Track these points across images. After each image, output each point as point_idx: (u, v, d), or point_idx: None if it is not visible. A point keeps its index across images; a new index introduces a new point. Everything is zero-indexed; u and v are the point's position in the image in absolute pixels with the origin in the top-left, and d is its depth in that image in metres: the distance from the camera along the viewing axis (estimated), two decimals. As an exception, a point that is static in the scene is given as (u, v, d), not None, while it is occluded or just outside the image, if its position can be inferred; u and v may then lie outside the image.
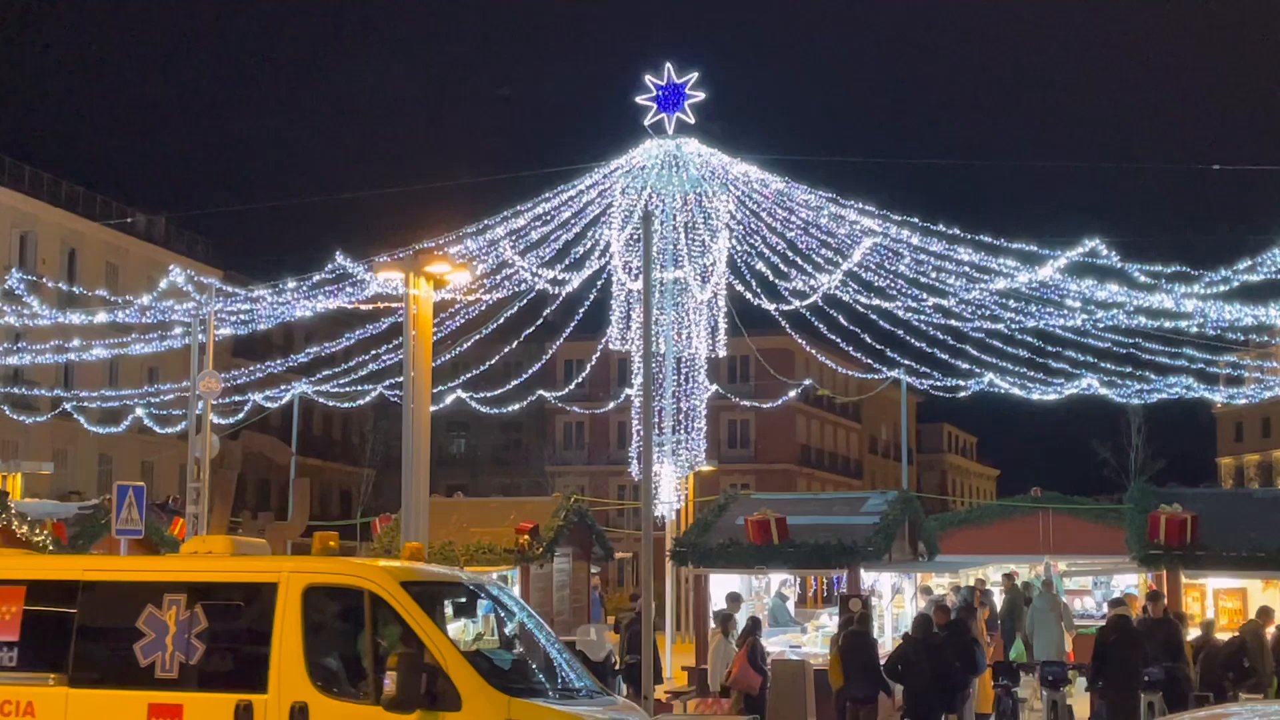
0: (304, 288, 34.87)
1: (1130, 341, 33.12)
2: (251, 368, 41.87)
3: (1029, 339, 34.25)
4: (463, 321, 36.93)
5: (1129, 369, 34.49)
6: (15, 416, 47.75)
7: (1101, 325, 32.60)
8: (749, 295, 35.98)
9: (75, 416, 47.20)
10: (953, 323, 34.49)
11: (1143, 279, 29.83)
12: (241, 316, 36.97)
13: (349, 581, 12.69)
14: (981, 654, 21.16)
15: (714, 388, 37.73)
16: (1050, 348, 34.31)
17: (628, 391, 37.31)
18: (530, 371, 41.37)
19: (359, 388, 41.23)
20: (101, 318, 38.09)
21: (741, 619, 23.15)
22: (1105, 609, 24.45)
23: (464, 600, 14.02)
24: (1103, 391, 35.39)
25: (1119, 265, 29.58)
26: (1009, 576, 30.08)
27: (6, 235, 57.19)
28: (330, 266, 33.30)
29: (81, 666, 12.97)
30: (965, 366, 35.64)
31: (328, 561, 13.49)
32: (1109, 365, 34.44)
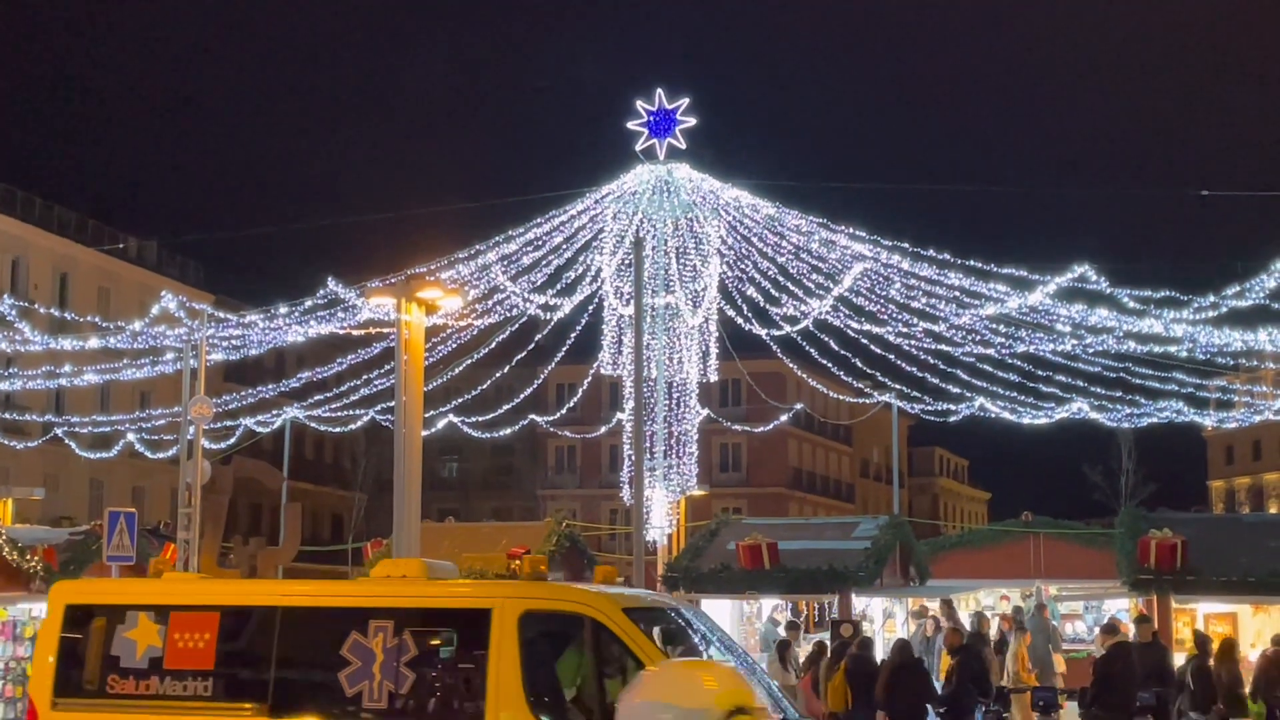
0: (296, 313, 34.89)
1: (1120, 366, 33.20)
2: (243, 392, 41.80)
3: (1019, 363, 34.34)
4: (455, 346, 36.96)
5: (1119, 393, 34.58)
6: (6, 441, 47.62)
7: (1092, 350, 32.68)
8: (740, 320, 36.05)
9: (66, 441, 47.07)
10: (944, 347, 34.57)
11: (1132, 304, 29.93)
12: (233, 342, 36.96)
13: (569, 608, 12.23)
14: (987, 681, 21.01)
15: (705, 412, 37.77)
16: (1041, 372, 34.39)
17: (619, 416, 37.34)
18: (522, 396, 41.37)
19: (351, 412, 41.20)
20: (93, 343, 38.06)
21: (742, 639, 23.09)
22: (1096, 634, 24.41)
23: (676, 625, 13.38)
24: (1093, 415, 35.44)
25: (1109, 290, 29.69)
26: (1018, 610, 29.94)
27: (-1, 260, 57.13)
28: (322, 292, 33.33)
29: (282, 696, 12.43)
30: (956, 390, 35.70)
31: (544, 587, 12.94)
32: (1099, 389, 34.51)
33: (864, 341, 35.41)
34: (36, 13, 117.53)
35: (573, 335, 37.52)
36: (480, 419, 42.05)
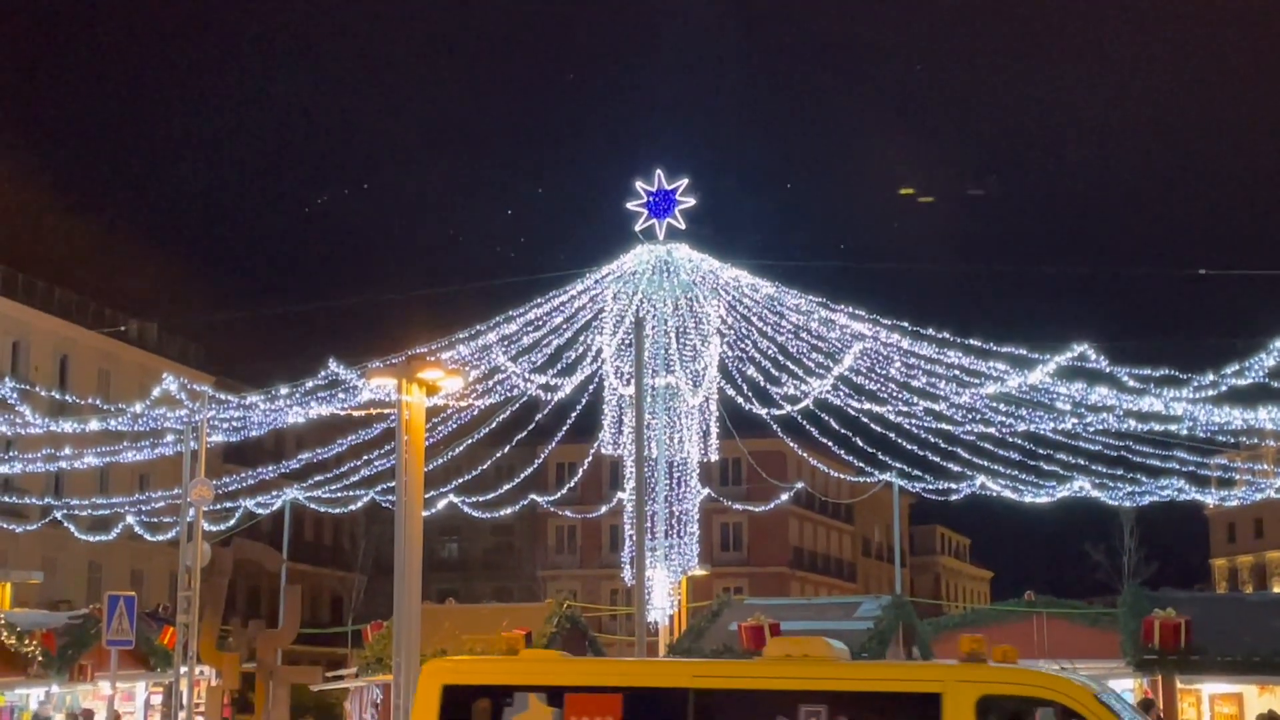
0: (296, 394, 34.91)
1: (1121, 444, 33.17)
2: (243, 474, 41.74)
3: (1020, 442, 34.32)
4: (455, 426, 36.95)
5: (1120, 471, 34.53)
6: (5, 525, 47.50)
7: (1092, 428, 32.67)
8: (741, 399, 36.08)
9: (65, 524, 46.94)
10: (944, 426, 34.55)
11: (1132, 382, 29.94)
12: (234, 423, 36.95)
13: (1036, 693, 11.54)
14: None
15: (706, 491, 37.72)
16: (1042, 450, 34.37)
17: (620, 495, 37.30)
18: (522, 476, 41.32)
19: (351, 493, 41.12)
20: (93, 425, 38.04)
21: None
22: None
23: (1127, 709, 12.61)
24: (1094, 494, 35.39)
25: (1109, 369, 29.69)
26: None
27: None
28: (323, 372, 33.36)
29: None
30: (957, 469, 35.66)
31: (1002, 671, 12.14)
32: (1100, 468, 34.47)
33: (864, 420, 35.41)
34: (37, 98, 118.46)
35: (573, 415, 37.54)
36: (480, 499, 41.98)
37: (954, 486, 36.77)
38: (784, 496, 50.43)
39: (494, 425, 37.80)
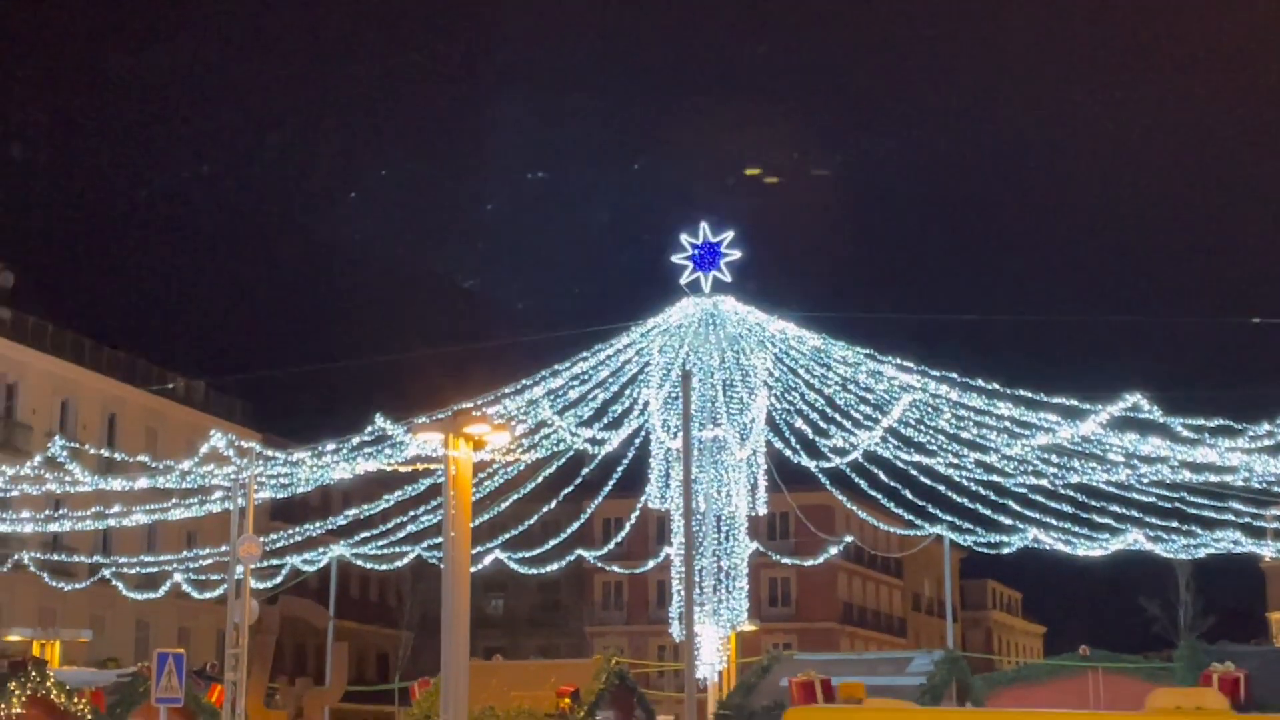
0: (343, 450, 34.98)
1: (1175, 496, 32.83)
2: (290, 531, 41.85)
3: (1072, 494, 34.01)
4: (501, 481, 36.95)
5: (1175, 524, 34.15)
6: (53, 583, 47.75)
7: (1146, 480, 32.35)
8: (788, 452, 35.94)
9: (113, 583, 47.13)
10: (994, 478, 34.29)
11: (1186, 433, 29.65)
12: (281, 480, 37.05)
13: None
14: None
15: (754, 545, 37.52)
16: (1094, 502, 34.05)
17: (667, 550, 37.17)
18: (569, 531, 41.23)
19: (397, 549, 41.13)
20: (141, 483, 38.23)
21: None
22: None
23: None
24: (1149, 547, 35.02)
25: (1162, 420, 29.42)
26: None
27: (49, 402, 57.71)
28: (369, 428, 33.40)
29: None
30: (1008, 522, 35.37)
31: None
32: (1154, 520, 34.11)
33: (913, 473, 35.20)
34: (87, 157, 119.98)
35: (619, 469, 37.46)
36: (527, 555, 41.90)
37: (1005, 540, 36.46)
38: (833, 551, 50.10)
39: (540, 480, 37.78)
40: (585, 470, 38.13)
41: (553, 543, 41.30)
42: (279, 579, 42.51)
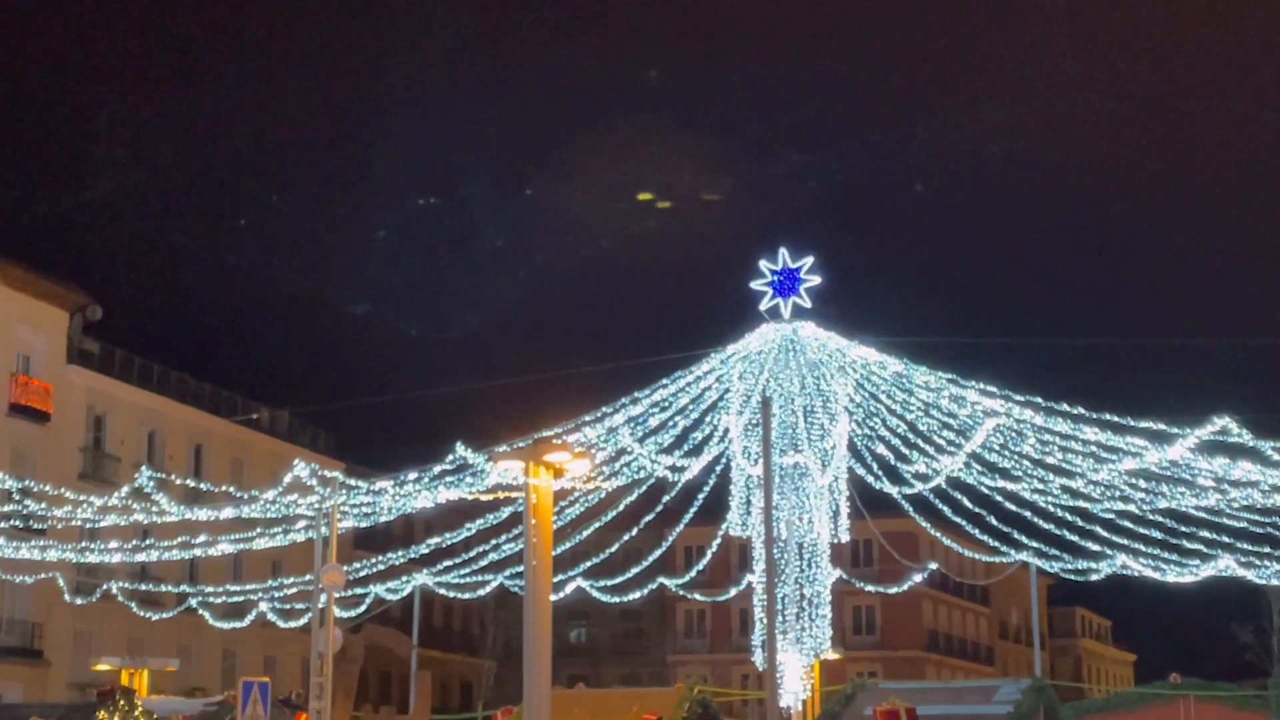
0: (425, 479, 35.20)
1: (1268, 520, 32.32)
2: (373, 560, 42.13)
3: (1161, 519, 33.56)
4: (582, 510, 37.02)
5: (1267, 549, 33.61)
6: (142, 613, 48.38)
7: (1236, 504, 31.89)
8: (870, 478, 35.75)
9: (200, 612, 47.67)
10: (1081, 503, 33.93)
11: (1277, 457, 29.21)
12: (364, 509, 37.32)
13: None
14: None
15: (837, 573, 37.33)
16: (1184, 528, 33.57)
17: (749, 578, 37.06)
18: (650, 559, 41.18)
19: (479, 578, 41.28)
20: (227, 512, 38.65)
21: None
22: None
23: None
24: (1241, 572, 34.48)
25: (1252, 443, 28.99)
26: None
27: (136, 433, 58.60)
28: (450, 457, 33.57)
29: None
30: (1096, 548, 34.94)
31: None
32: (1246, 545, 33.59)
33: (998, 498, 34.89)
34: (171, 191, 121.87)
35: (700, 497, 37.42)
36: (609, 583, 41.92)
37: (1093, 566, 36.03)
38: (917, 578, 49.70)
39: (621, 508, 37.81)
40: (666, 498, 38.11)
41: (634, 571, 41.30)
42: (363, 608, 42.78)
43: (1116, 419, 30.81)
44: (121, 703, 26.18)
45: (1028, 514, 34.86)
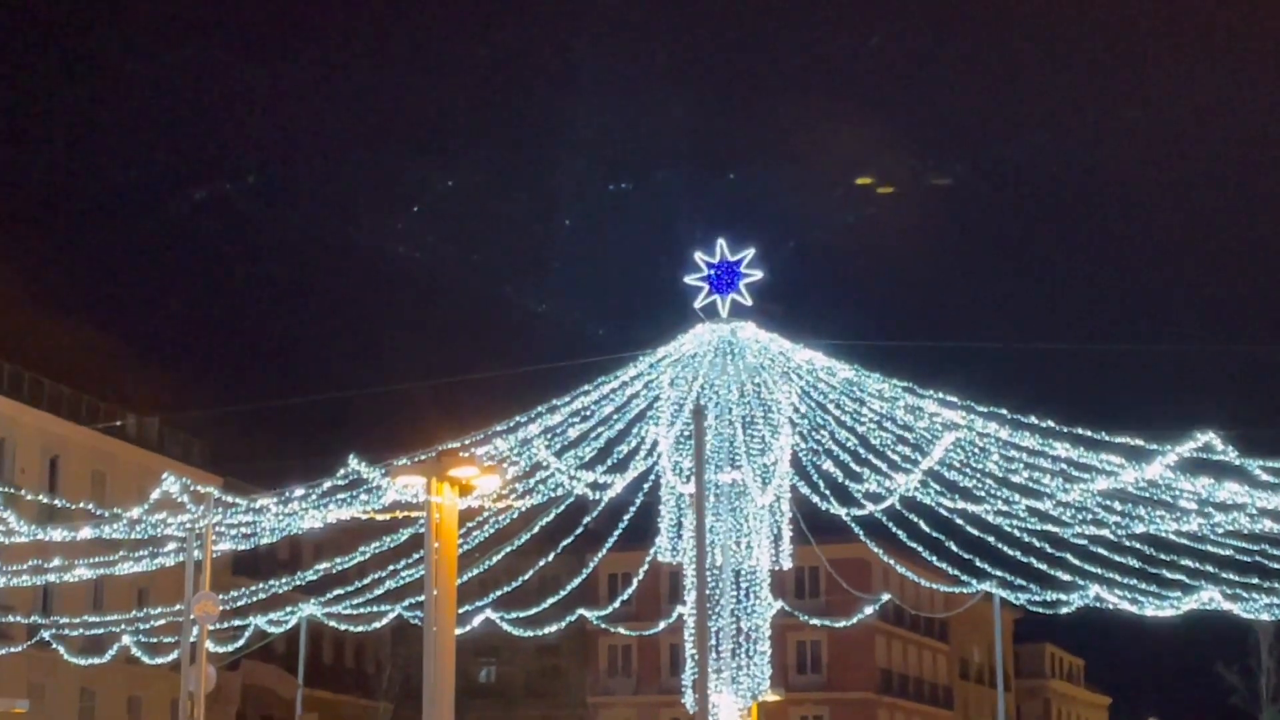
0: (313, 496, 35.05)
1: (1255, 548, 32.75)
2: (253, 587, 41.91)
3: (1138, 546, 33.94)
4: (492, 532, 36.99)
5: (1255, 579, 34.08)
6: (-14, 647, 47.87)
7: (1221, 530, 32.29)
8: (816, 499, 35.94)
9: (54, 646, 47.17)
10: (1050, 528, 34.25)
11: (1266, 477, 29.59)
12: (243, 529, 37.13)
13: None
14: None
15: (779, 604, 37.52)
16: (1163, 556, 33.98)
17: (680, 610, 37.18)
18: (569, 588, 41.25)
19: (375, 608, 41.16)
20: (86, 532, 38.30)
21: None
22: None
23: None
24: (1226, 606, 34.94)
25: (1238, 461, 29.36)
26: None
27: (-20, 442, 57.89)
28: (342, 472, 33.45)
29: None
30: (1066, 578, 35.32)
31: None
32: (1232, 575, 34.04)
33: (959, 522, 35.17)
34: (42, 190, 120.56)
35: (626, 518, 37.50)
36: (522, 615, 41.92)
37: (1063, 598, 36.42)
38: (869, 610, 50.11)
39: (536, 530, 37.81)
40: (587, 519, 38.16)
41: (551, 601, 41.31)
42: (241, 642, 42.55)
43: (1089, 434, 31.14)
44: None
45: (991, 539, 35.18)
